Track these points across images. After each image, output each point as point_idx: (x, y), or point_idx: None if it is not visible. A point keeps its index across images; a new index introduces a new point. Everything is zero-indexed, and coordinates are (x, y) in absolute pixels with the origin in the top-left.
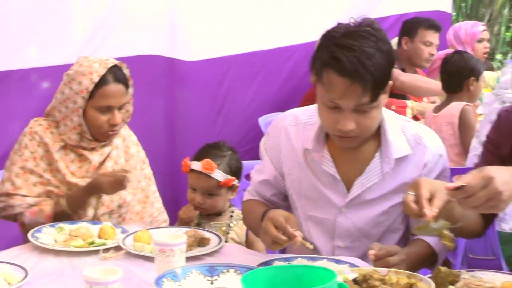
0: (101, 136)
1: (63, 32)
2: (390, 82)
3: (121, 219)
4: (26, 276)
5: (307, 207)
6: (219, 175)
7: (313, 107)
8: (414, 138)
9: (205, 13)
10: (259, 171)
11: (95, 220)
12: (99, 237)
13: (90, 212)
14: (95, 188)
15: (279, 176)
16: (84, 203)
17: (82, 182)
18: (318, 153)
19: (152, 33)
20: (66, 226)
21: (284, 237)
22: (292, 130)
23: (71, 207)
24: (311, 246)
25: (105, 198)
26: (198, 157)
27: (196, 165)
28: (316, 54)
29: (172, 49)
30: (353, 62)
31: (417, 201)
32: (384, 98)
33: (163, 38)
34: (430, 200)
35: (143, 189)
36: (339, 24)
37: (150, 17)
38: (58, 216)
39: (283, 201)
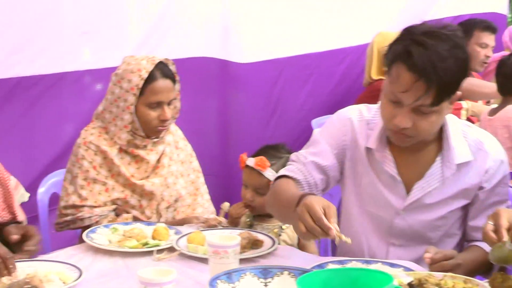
0: (152, 132)
1: (118, 35)
2: (458, 93)
3: (176, 212)
4: (80, 275)
5: (365, 202)
6: (271, 174)
7: (376, 106)
8: (476, 144)
9: (259, 15)
10: (314, 154)
11: (157, 214)
12: (153, 238)
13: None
14: None
15: (336, 165)
16: None
17: (146, 183)
18: (380, 153)
19: (206, 35)
20: (120, 227)
21: (319, 229)
22: (357, 125)
23: None
24: (348, 240)
25: (165, 193)
26: (255, 155)
27: (251, 161)
28: (391, 46)
29: (225, 51)
30: (423, 60)
31: (496, 230)
32: (447, 106)
33: (216, 40)
34: (509, 230)
35: (193, 182)
36: (424, 22)
37: (204, 19)
38: None
39: (323, 190)
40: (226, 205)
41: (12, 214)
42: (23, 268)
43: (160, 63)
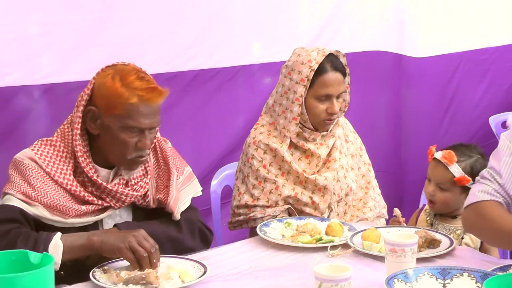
0: (319, 125)
1: (291, 30)
2: None
3: (347, 206)
4: (203, 275)
5: None
6: (456, 170)
7: None
8: None
9: (434, 8)
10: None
11: (329, 208)
12: (327, 233)
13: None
14: None
15: None
16: None
17: (319, 177)
18: None
19: (380, 28)
20: (294, 222)
21: None
22: None
23: None
24: None
25: (336, 187)
26: (445, 149)
27: (438, 154)
28: None
29: (400, 45)
30: None
31: None
32: None
33: (392, 34)
34: None
35: (363, 175)
36: None
37: (378, 12)
38: None
39: None
40: (397, 211)
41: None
42: None
43: (331, 55)
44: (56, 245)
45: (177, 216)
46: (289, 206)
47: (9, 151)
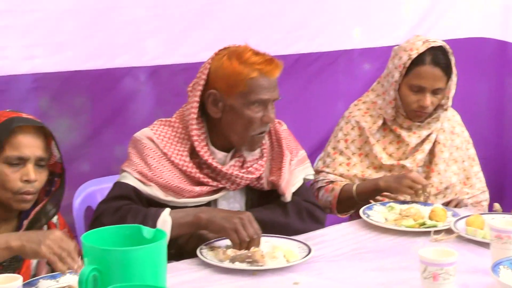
0: (410, 114)
1: (392, 16)
2: None
3: (445, 199)
4: (308, 254)
5: None
6: None
7: None
8: None
9: None
10: None
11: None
12: (430, 218)
13: None
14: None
15: None
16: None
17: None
18: None
19: (484, 14)
20: (397, 206)
21: None
22: None
23: (360, 195)
24: None
25: (435, 179)
26: None
27: None
28: None
29: (505, 31)
30: None
31: None
32: None
33: (495, 20)
34: None
35: (464, 169)
36: None
37: None
38: (344, 200)
39: None
40: (497, 206)
41: (280, 175)
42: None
43: (438, 49)
44: (164, 220)
45: (288, 197)
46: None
47: (117, 130)
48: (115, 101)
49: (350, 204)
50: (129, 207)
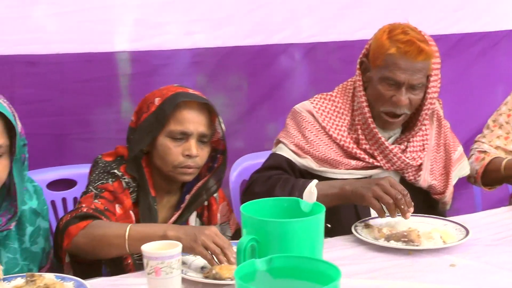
0: None
1: None
2: None
3: None
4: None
5: None
6: None
7: None
8: None
9: None
10: None
11: None
12: None
13: None
14: None
15: None
16: None
17: None
18: None
19: None
20: None
21: None
22: None
23: (507, 170)
24: None
25: None
26: None
27: None
28: None
29: None
30: None
31: None
32: None
33: None
34: None
35: None
36: None
37: None
38: (490, 171)
39: None
40: None
41: (446, 184)
42: (414, 222)
43: None
44: (310, 192)
45: (447, 207)
46: None
47: (271, 107)
48: (271, 78)
49: (496, 178)
50: (279, 177)
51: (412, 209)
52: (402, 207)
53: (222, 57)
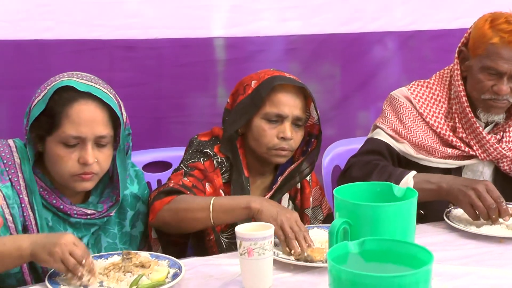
0: None
1: None
2: None
3: None
4: None
5: None
6: None
7: None
8: None
9: None
10: None
11: None
12: None
13: None
14: None
15: None
16: None
17: None
18: None
19: None
20: None
21: None
22: None
23: None
24: None
25: None
26: None
27: None
28: None
29: None
30: None
31: None
32: None
33: None
34: None
35: None
36: None
37: None
38: None
39: None
40: None
41: None
42: None
43: None
44: (407, 183)
45: None
46: None
47: (364, 96)
48: (366, 66)
49: None
50: (376, 163)
51: (508, 218)
52: (494, 216)
53: (317, 44)
